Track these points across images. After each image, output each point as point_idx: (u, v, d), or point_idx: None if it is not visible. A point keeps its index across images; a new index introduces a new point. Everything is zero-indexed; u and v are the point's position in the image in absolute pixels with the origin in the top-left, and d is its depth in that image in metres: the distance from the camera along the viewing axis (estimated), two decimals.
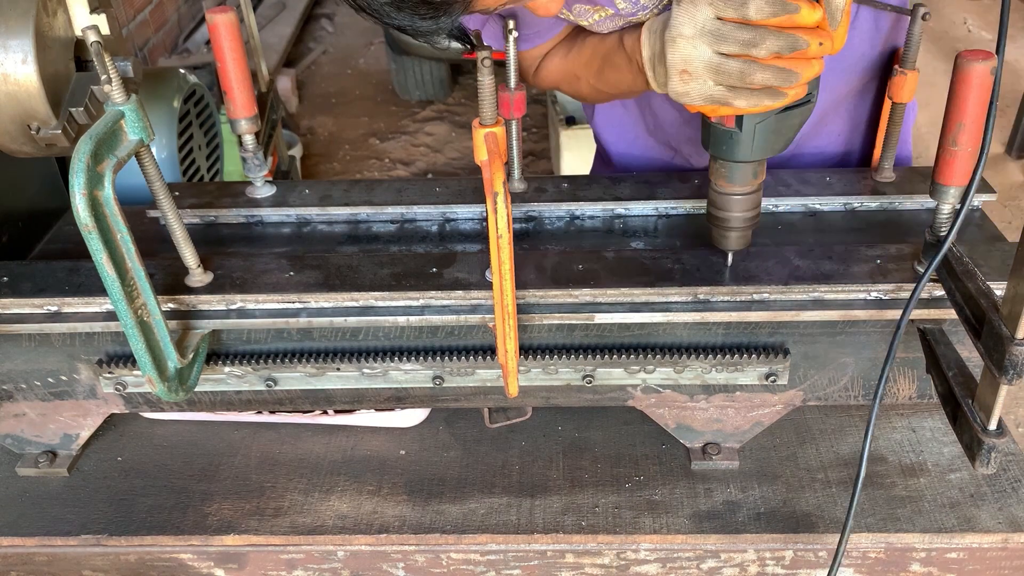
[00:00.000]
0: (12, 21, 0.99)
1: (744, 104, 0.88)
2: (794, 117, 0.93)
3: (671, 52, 0.89)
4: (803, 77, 0.87)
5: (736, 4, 0.84)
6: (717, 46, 0.86)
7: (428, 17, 0.84)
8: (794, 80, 0.86)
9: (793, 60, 0.86)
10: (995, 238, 1.20)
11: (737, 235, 1.03)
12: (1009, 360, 0.82)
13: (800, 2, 0.84)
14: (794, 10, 0.84)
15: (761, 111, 0.91)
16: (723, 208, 1.01)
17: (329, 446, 1.24)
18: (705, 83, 0.88)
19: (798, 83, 0.87)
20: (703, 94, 0.89)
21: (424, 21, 0.85)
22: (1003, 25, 0.86)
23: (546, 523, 1.11)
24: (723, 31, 0.85)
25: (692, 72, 0.88)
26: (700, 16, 0.86)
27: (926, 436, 1.21)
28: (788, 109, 0.92)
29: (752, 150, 0.94)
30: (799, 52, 0.85)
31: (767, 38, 0.84)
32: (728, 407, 1.15)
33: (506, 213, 0.88)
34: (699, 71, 0.88)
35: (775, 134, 0.94)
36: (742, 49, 0.85)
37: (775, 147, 0.95)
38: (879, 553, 1.08)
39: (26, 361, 1.14)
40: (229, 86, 1.20)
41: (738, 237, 1.03)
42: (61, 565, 1.13)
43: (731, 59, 0.86)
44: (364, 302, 1.06)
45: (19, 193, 1.35)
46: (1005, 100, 4.30)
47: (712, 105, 0.90)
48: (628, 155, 1.48)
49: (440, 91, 4.96)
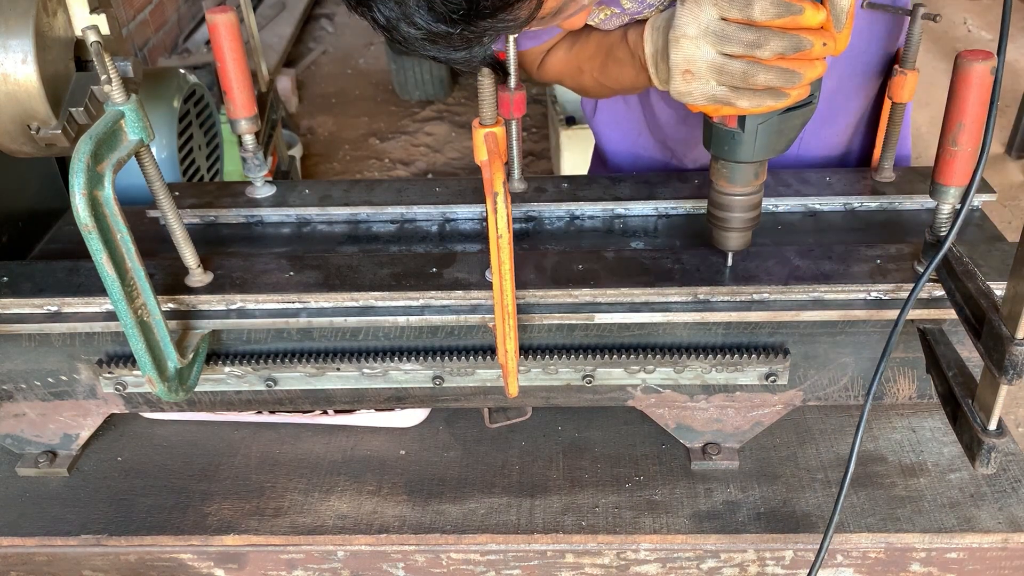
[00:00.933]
0: (12, 21, 0.99)
1: (747, 104, 0.88)
2: (796, 118, 0.93)
3: (674, 52, 0.89)
4: (806, 78, 0.87)
5: (740, 5, 0.84)
6: (721, 46, 0.86)
7: (462, 49, 0.84)
8: (797, 81, 0.86)
9: (796, 61, 0.86)
10: (995, 238, 1.20)
11: (737, 235, 1.03)
12: (1009, 360, 0.82)
13: (804, 3, 0.84)
14: (798, 11, 0.84)
15: (764, 112, 0.90)
16: (724, 208, 1.01)
17: (329, 446, 1.24)
18: (708, 83, 0.88)
19: (801, 84, 0.87)
20: (706, 94, 0.89)
21: (458, 52, 0.84)
22: (1004, 25, 0.86)
23: (546, 523, 1.11)
24: (727, 32, 0.85)
25: (695, 72, 0.88)
26: (704, 16, 0.86)
27: (926, 436, 1.21)
28: (790, 110, 0.92)
29: (754, 151, 0.94)
30: (802, 53, 0.85)
31: (771, 39, 0.84)
32: (728, 407, 1.15)
33: (506, 213, 0.88)
34: (702, 71, 0.88)
35: (777, 134, 0.94)
36: (746, 50, 0.85)
37: (777, 148, 0.95)
38: (879, 553, 1.08)
39: (26, 361, 1.14)
40: (229, 86, 1.20)
41: (738, 237, 1.03)
42: (61, 565, 1.13)
43: (734, 59, 0.86)
44: (364, 302, 1.06)
45: (19, 193, 1.35)
46: (1005, 100, 4.30)
47: (714, 105, 0.90)
48: (626, 154, 1.48)
49: (440, 91, 4.97)
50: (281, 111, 3.76)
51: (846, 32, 0.88)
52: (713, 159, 0.99)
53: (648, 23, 1.01)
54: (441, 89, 4.96)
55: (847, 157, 1.41)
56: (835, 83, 1.27)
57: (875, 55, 1.29)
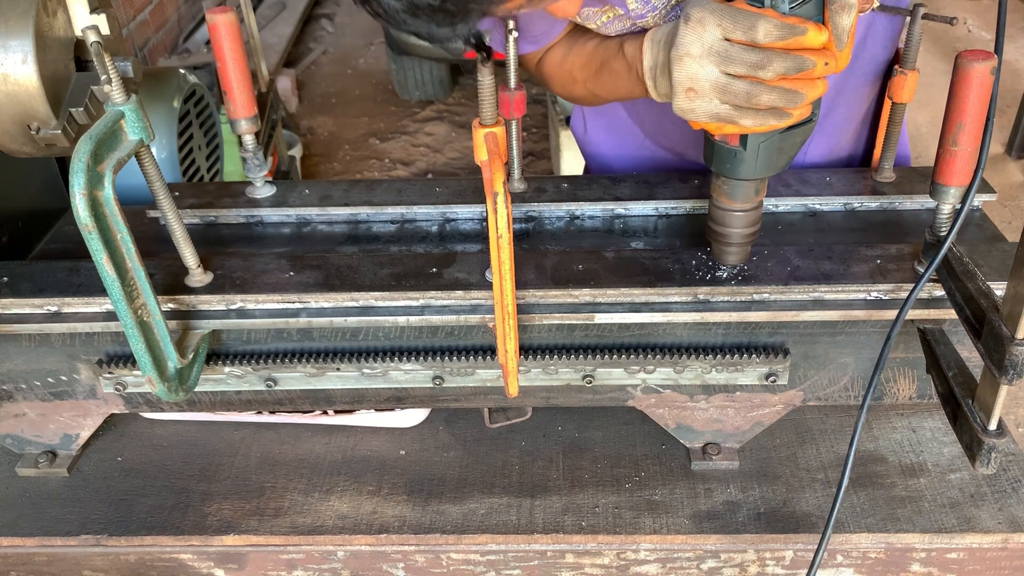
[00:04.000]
0: (12, 21, 0.99)
1: (750, 123, 0.89)
2: (796, 136, 0.94)
3: (677, 70, 0.89)
4: (808, 97, 0.87)
5: (745, 27, 0.84)
6: (724, 67, 0.86)
7: (445, 24, 0.84)
8: (799, 100, 0.87)
9: (799, 81, 0.87)
10: (995, 238, 1.20)
11: (736, 250, 1.04)
12: (1009, 360, 0.82)
13: (807, 24, 0.84)
14: (802, 32, 0.84)
15: (765, 131, 0.91)
16: (724, 224, 1.02)
17: (329, 446, 1.24)
18: (711, 102, 0.89)
19: (803, 103, 0.88)
20: (709, 112, 0.90)
21: (441, 28, 0.84)
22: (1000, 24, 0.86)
23: (546, 523, 1.11)
24: (731, 53, 0.85)
25: (698, 91, 0.88)
26: (708, 36, 0.86)
27: (926, 436, 1.21)
28: (791, 128, 0.93)
29: (755, 168, 0.95)
30: (805, 73, 0.86)
31: (774, 60, 0.84)
32: (728, 407, 1.15)
33: (506, 213, 0.88)
34: (705, 90, 0.88)
35: (778, 152, 0.95)
36: (749, 71, 0.85)
37: (777, 165, 0.96)
38: (879, 553, 1.08)
39: (26, 361, 1.14)
40: (229, 86, 1.20)
41: (738, 252, 1.04)
42: (61, 565, 1.13)
43: (738, 80, 0.86)
44: (364, 302, 1.06)
45: (19, 193, 1.35)
46: (1005, 100, 4.30)
47: (717, 123, 0.91)
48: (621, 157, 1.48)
49: (440, 91, 4.96)
50: (281, 111, 3.76)
51: (847, 51, 0.89)
52: (714, 176, 1.00)
53: (647, 36, 1.01)
54: (441, 89, 4.96)
55: (850, 160, 1.41)
56: (836, 83, 1.27)
57: (875, 55, 1.29)
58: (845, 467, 0.96)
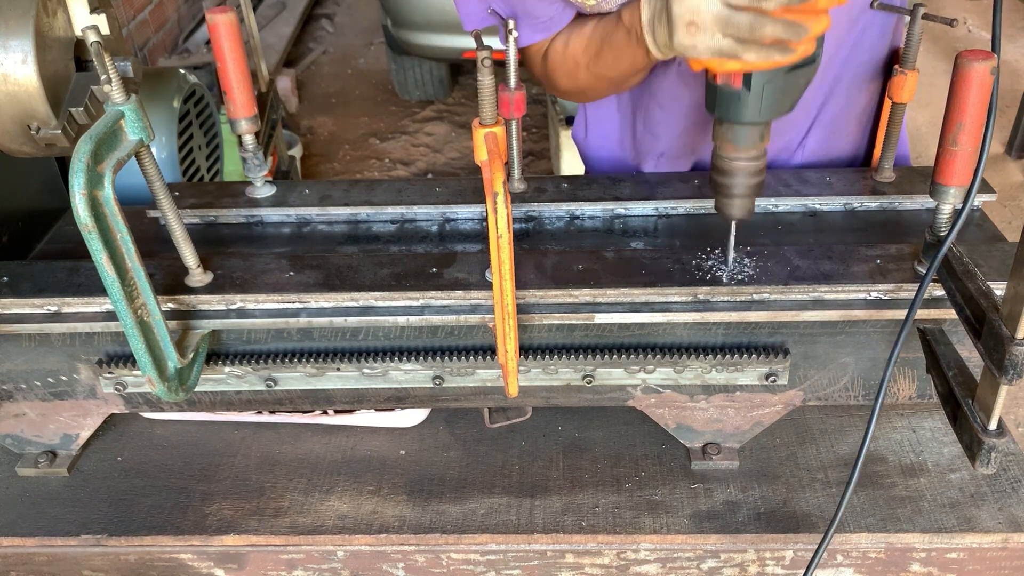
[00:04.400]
0: (12, 21, 0.99)
1: (754, 58, 0.87)
2: (800, 76, 0.92)
3: (677, 4, 0.88)
4: (812, 31, 0.86)
5: None
6: None
7: None
8: (803, 34, 0.85)
9: (802, 13, 0.85)
10: (995, 238, 1.20)
11: (741, 202, 1.00)
12: (1009, 360, 0.82)
13: None
14: None
15: (769, 67, 0.89)
16: (728, 174, 0.98)
17: (329, 446, 1.24)
18: (713, 36, 0.87)
19: (807, 37, 0.86)
20: (711, 47, 0.88)
21: None
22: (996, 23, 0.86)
23: (546, 523, 1.11)
24: None
25: (699, 24, 0.87)
26: None
27: (926, 436, 1.21)
28: (795, 68, 0.91)
29: (760, 111, 0.93)
30: (808, 4, 0.84)
31: None
32: (728, 407, 1.15)
33: (506, 213, 0.87)
34: (707, 23, 0.87)
35: (782, 94, 0.92)
36: (751, 2, 0.84)
37: (782, 108, 0.94)
38: (879, 553, 1.08)
39: (26, 361, 1.14)
40: (229, 86, 1.20)
41: (742, 205, 1.00)
42: (61, 565, 1.13)
43: (740, 11, 0.85)
44: (364, 302, 1.06)
45: (19, 193, 1.35)
46: (1005, 100, 4.30)
47: (719, 59, 0.89)
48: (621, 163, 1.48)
49: (440, 91, 4.96)
50: (281, 111, 3.76)
51: None
52: (717, 123, 0.97)
53: None
54: (441, 89, 4.96)
55: (850, 160, 1.41)
56: (835, 72, 1.26)
57: (873, 44, 1.28)
58: (854, 469, 0.96)
